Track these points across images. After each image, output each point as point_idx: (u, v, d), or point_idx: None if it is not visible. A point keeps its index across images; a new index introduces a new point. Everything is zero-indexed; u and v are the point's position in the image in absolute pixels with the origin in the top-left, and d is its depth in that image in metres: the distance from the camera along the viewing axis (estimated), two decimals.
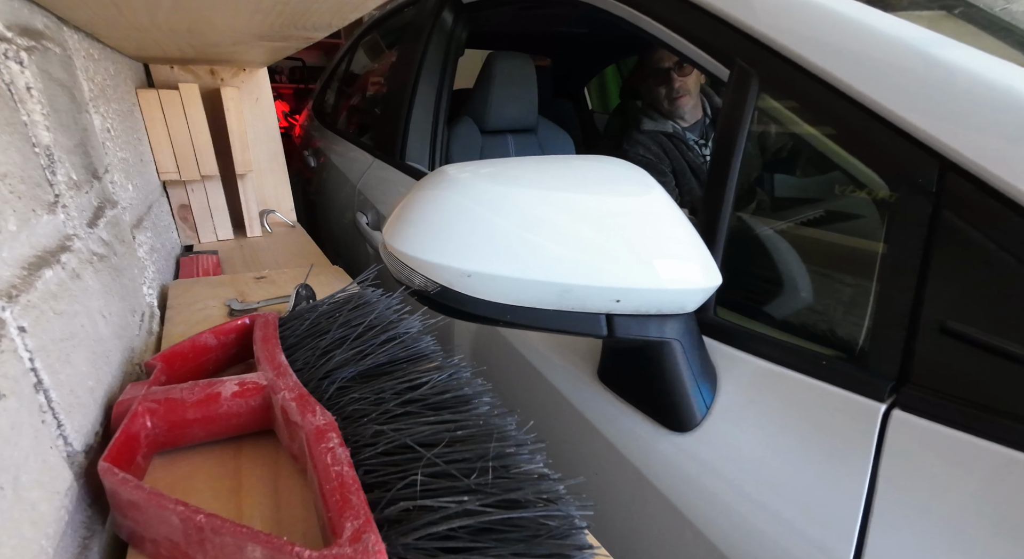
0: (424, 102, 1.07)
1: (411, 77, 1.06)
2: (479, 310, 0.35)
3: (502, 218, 0.33)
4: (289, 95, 3.76)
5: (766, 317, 0.49)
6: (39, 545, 0.24)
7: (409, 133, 1.05)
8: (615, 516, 0.49)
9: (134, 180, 0.67)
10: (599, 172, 0.40)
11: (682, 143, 1.26)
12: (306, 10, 0.49)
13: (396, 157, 1.06)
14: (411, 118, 1.05)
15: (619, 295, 0.35)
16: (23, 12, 0.39)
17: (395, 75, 1.15)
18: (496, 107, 1.23)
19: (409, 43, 1.12)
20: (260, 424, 0.37)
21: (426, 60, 1.06)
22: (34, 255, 0.30)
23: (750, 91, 0.46)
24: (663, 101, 1.24)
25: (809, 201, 0.56)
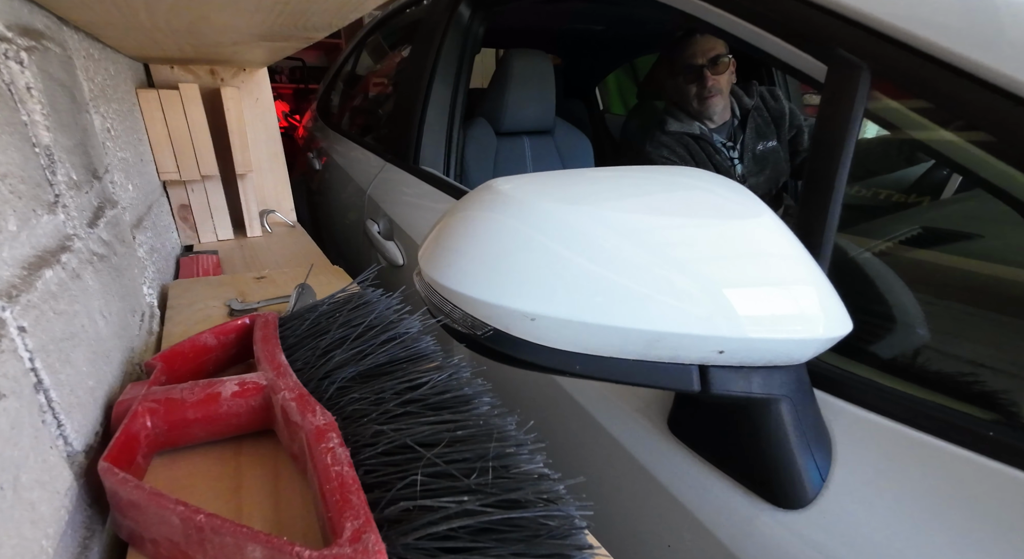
0: (439, 103, 1.00)
1: (425, 76, 1.00)
2: (542, 359, 0.29)
3: (576, 252, 0.27)
4: (289, 95, 3.76)
5: (898, 366, 0.39)
6: (39, 545, 0.24)
7: (423, 136, 0.99)
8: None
9: (134, 180, 0.67)
10: (688, 189, 0.32)
11: (709, 145, 1.19)
12: (306, 10, 0.49)
13: (409, 161, 1.00)
14: (425, 120, 0.99)
15: (724, 345, 0.28)
16: (23, 12, 0.39)
17: (407, 74, 1.09)
18: (513, 108, 1.16)
19: (422, 40, 1.06)
20: (260, 424, 0.37)
21: (441, 58, 0.99)
22: (34, 255, 0.30)
23: (858, 89, 0.37)
24: (692, 100, 1.18)
25: (948, 222, 0.47)
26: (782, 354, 0.31)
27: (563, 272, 0.27)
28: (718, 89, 1.15)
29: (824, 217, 0.38)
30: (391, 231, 0.97)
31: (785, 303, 0.29)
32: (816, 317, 0.29)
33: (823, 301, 0.29)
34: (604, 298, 0.27)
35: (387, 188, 1.05)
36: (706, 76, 1.14)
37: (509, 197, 0.29)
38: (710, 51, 1.13)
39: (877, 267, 0.43)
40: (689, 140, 1.19)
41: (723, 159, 1.20)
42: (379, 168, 1.11)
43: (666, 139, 1.19)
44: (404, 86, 1.10)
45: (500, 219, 0.29)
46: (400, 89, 1.13)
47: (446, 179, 0.93)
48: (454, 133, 1.02)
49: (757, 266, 0.29)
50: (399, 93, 1.13)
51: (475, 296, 0.28)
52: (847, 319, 0.30)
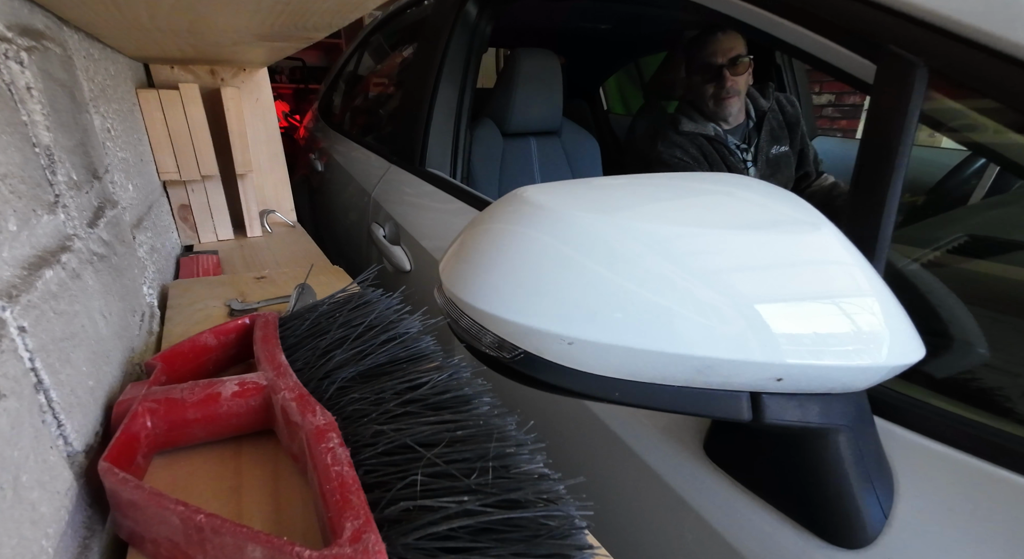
0: (445, 103, 0.97)
1: (431, 76, 0.97)
2: (577, 385, 0.26)
3: (619, 271, 0.25)
4: (289, 95, 3.76)
5: (967, 392, 0.36)
6: (39, 545, 0.24)
7: (430, 137, 0.96)
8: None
9: (134, 180, 0.67)
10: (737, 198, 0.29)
11: (723, 147, 1.17)
12: (307, 10, 0.49)
13: (416, 163, 0.97)
14: (432, 121, 0.96)
15: (783, 372, 0.26)
16: (23, 12, 0.39)
17: (413, 74, 1.06)
18: (520, 108, 1.12)
19: (428, 39, 1.02)
20: (260, 424, 0.37)
21: (448, 57, 0.96)
22: (34, 255, 0.30)
23: (913, 89, 0.35)
24: (708, 100, 1.15)
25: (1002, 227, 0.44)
26: (845, 381, 0.28)
27: (604, 292, 0.25)
28: (736, 90, 1.12)
29: (877, 228, 0.35)
30: (397, 235, 0.94)
31: (852, 327, 0.26)
32: (884, 342, 0.26)
33: (893, 325, 0.27)
34: (650, 322, 0.24)
35: (392, 191, 1.02)
36: (725, 76, 1.11)
37: (543, 209, 0.26)
38: (730, 51, 1.10)
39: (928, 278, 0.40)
40: (703, 141, 1.16)
41: (736, 161, 1.17)
42: (383, 170, 1.09)
43: (679, 139, 1.16)
44: (409, 86, 1.07)
45: (533, 233, 0.26)
46: (405, 89, 1.11)
47: (454, 182, 0.90)
48: (461, 134, 0.99)
49: (821, 286, 0.26)
50: (404, 93, 1.10)
51: (505, 317, 0.25)
52: (919, 345, 0.27)
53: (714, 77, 1.12)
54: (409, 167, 1.00)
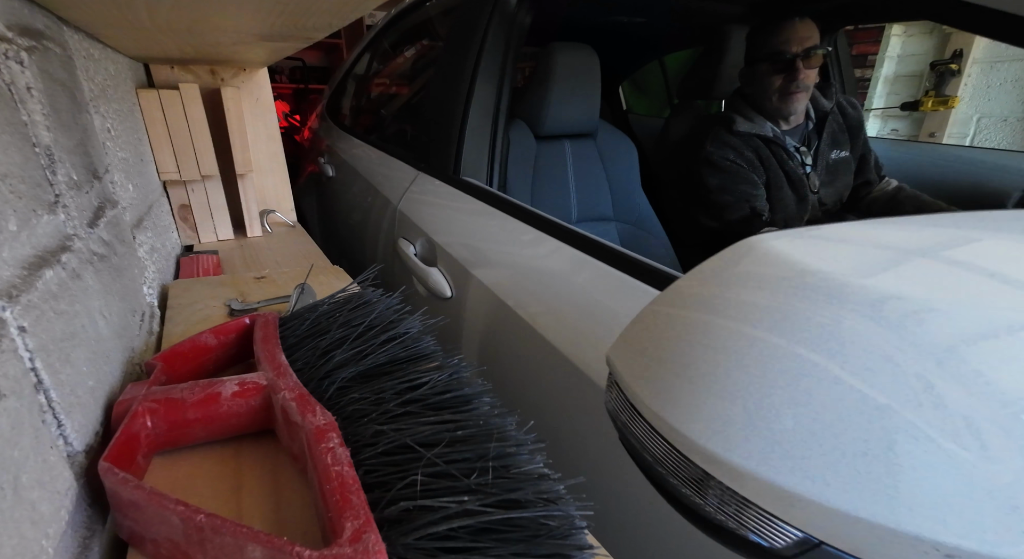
0: (482, 104, 0.87)
1: (466, 74, 0.87)
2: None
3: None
4: (289, 95, 3.76)
5: None
6: (39, 545, 0.24)
7: (465, 142, 0.86)
8: None
9: (134, 180, 0.67)
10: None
11: (781, 149, 1.07)
12: (307, 10, 0.49)
13: (448, 171, 0.87)
14: (467, 124, 0.86)
15: None
16: (23, 12, 0.39)
17: (443, 72, 0.96)
18: (556, 108, 1.01)
19: (461, 32, 0.92)
20: (260, 424, 0.37)
21: (484, 52, 0.86)
22: (34, 255, 0.30)
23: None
24: (772, 95, 1.04)
25: None
26: None
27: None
28: (806, 85, 1.02)
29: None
30: (433, 255, 0.83)
31: None
32: None
33: None
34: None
35: (422, 203, 0.91)
36: (797, 68, 0.99)
37: (841, 289, 0.15)
38: (806, 40, 0.99)
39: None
40: (759, 143, 1.07)
41: (795, 166, 1.08)
42: (410, 179, 0.98)
43: (733, 140, 1.06)
44: (439, 86, 0.97)
45: (845, 329, 0.14)
46: (434, 90, 1.00)
47: (496, 193, 0.80)
48: (498, 139, 0.89)
49: None
50: (433, 94, 1.00)
51: (789, 486, 0.15)
52: None
53: (784, 68, 1.01)
54: (441, 175, 0.90)
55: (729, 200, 1.05)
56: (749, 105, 1.09)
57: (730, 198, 1.05)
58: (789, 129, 1.09)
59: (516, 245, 0.71)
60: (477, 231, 0.78)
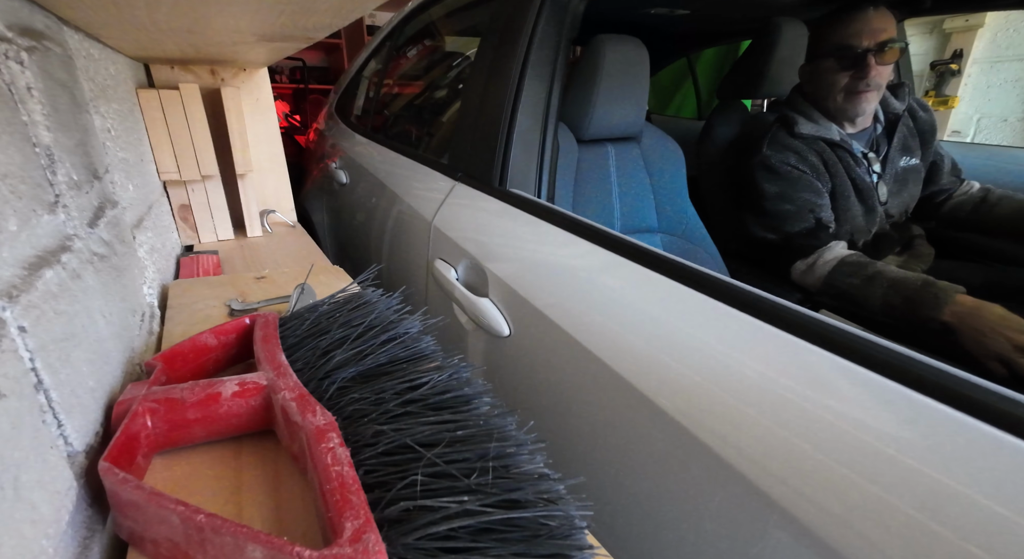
0: (531, 106, 0.76)
1: (513, 72, 0.76)
2: None
3: None
4: (289, 95, 3.76)
5: None
6: (39, 545, 0.24)
7: (512, 149, 0.75)
8: None
9: (134, 180, 0.67)
10: None
11: (848, 155, 0.97)
12: (307, 10, 0.49)
13: (493, 182, 0.77)
14: (514, 129, 0.75)
15: None
16: (23, 12, 0.39)
17: (486, 69, 0.84)
18: (602, 109, 0.90)
19: (506, 23, 0.80)
20: (260, 424, 0.37)
21: (534, 46, 0.75)
22: (35, 255, 0.30)
23: None
24: (838, 93, 0.94)
25: None
26: None
27: None
28: (877, 84, 0.91)
29: None
30: (482, 282, 0.71)
31: None
32: None
33: None
34: None
35: (463, 218, 0.79)
36: (869, 64, 0.88)
37: None
38: (881, 32, 0.88)
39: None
40: (824, 146, 0.96)
41: (863, 173, 0.97)
42: (445, 190, 0.86)
43: (794, 143, 0.96)
44: (480, 84, 0.85)
45: None
46: (474, 88, 0.88)
47: (560, 210, 0.68)
48: (547, 144, 0.78)
49: None
50: (472, 93, 0.88)
51: None
52: None
53: (854, 64, 0.90)
54: (484, 187, 0.79)
55: (789, 209, 0.95)
56: (811, 105, 0.99)
57: (790, 207, 0.95)
58: (855, 132, 0.99)
59: (594, 273, 0.58)
60: (539, 255, 0.65)
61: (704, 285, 0.48)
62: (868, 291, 0.81)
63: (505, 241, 0.71)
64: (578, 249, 0.61)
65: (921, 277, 0.77)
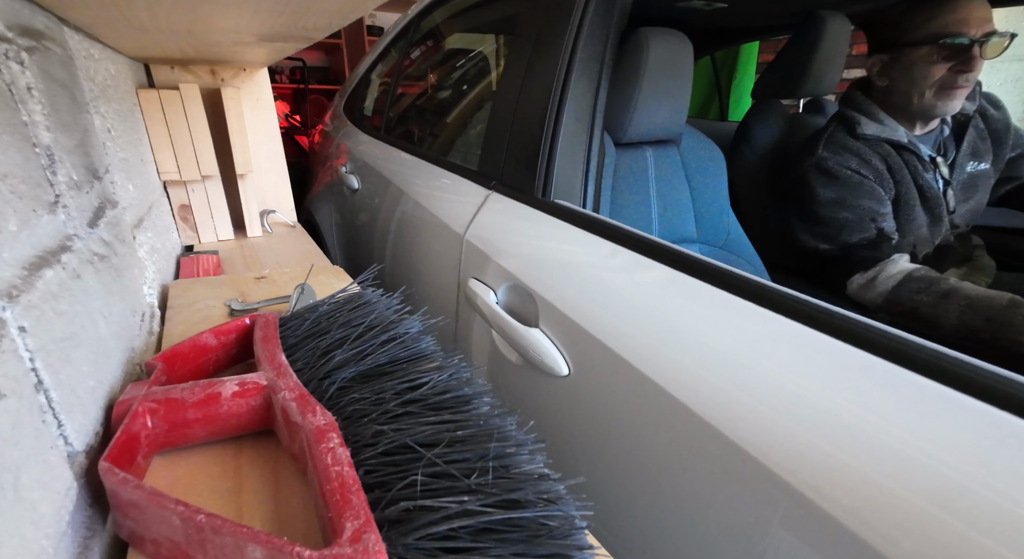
0: (577, 107, 0.68)
1: (556, 70, 0.68)
2: None
3: None
4: (289, 95, 3.76)
5: None
6: (39, 545, 0.24)
7: (557, 157, 0.67)
8: None
9: (134, 180, 0.67)
10: None
11: (915, 158, 0.88)
12: (307, 10, 0.49)
13: (536, 193, 0.68)
14: (559, 133, 0.67)
15: None
16: (23, 12, 0.39)
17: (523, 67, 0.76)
18: (643, 110, 0.81)
19: (548, 15, 0.73)
20: (260, 424, 0.37)
21: (581, 41, 0.67)
22: (35, 255, 0.30)
23: None
24: (925, 90, 0.83)
25: None
26: None
27: None
28: (973, 80, 0.82)
29: None
30: (530, 309, 0.61)
31: None
32: None
33: None
34: None
35: (502, 233, 0.71)
36: (974, 56, 0.78)
37: None
38: (984, 22, 0.79)
39: None
40: (889, 149, 0.88)
41: (931, 179, 0.89)
42: (478, 201, 0.77)
43: (856, 145, 0.88)
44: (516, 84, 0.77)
45: None
46: (510, 87, 0.78)
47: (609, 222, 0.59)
48: (593, 150, 0.70)
49: None
50: (508, 93, 0.79)
51: None
52: None
53: (955, 55, 0.79)
54: (524, 197, 0.70)
55: (848, 218, 0.87)
56: (876, 102, 0.90)
57: (848, 215, 0.87)
58: (922, 135, 0.90)
59: (669, 301, 0.49)
60: (600, 278, 0.56)
61: (804, 315, 0.40)
62: (942, 310, 0.74)
63: (556, 261, 0.61)
64: (650, 273, 0.52)
65: (1005, 295, 0.70)
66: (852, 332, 0.37)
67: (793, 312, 0.41)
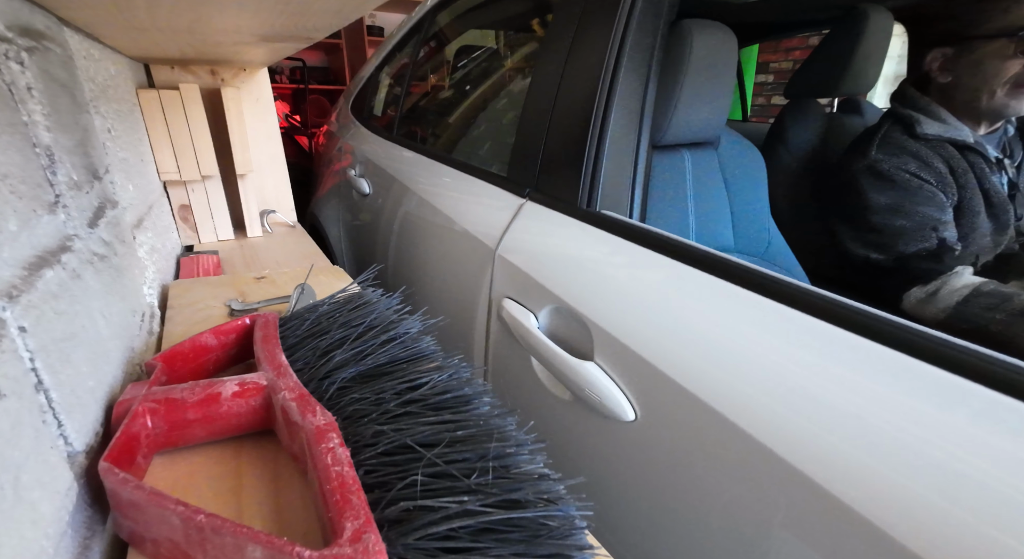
0: (626, 107, 0.61)
1: (603, 64, 0.61)
2: None
3: None
4: (289, 95, 3.76)
5: None
6: (39, 545, 0.24)
7: (603, 161, 0.60)
8: None
9: (135, 180, 0.67)
10: None
11: (982, 159, 0.81)
12: (307, 10, 0.49)
13: (579, 202, 0.61)
14: (606, 135, 0.60)
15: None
16: (23, 12, 0.39)
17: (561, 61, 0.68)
18: (685, 109, 0.73)
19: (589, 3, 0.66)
20: (260, 424, 0.37)
21: (631, 33, 0.60)
22: (35, 255, 0.30)
23: None
24: (1000, 86, 0.76)
25: None
26: None
27: None
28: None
29: None
30: (582, 338, 0.54)
31: None
32: None
33: None
34: None
35: (541, 248, 0.63)
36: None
37: None
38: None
39: None
40: (953, 151, 0.80)
41: (997, 182, 0.81)
42: (511, 211, 0.70)
43: (915, 146, 0.80)
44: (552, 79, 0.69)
45: None
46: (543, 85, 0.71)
47: (673, 238, 0.52)
48: (641, 154, 0.62)
49: None
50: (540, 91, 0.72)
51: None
52: None
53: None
54: (565, 208, 0.63)
55: (904, 225, 0.80)
56: (937, 100, 0.83)
57: (906, 223, 0.80)
58: (986, 134, 0.82)
59: (754, 331, 0.41)
60: (667, 303, 0.48)
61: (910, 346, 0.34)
62: (1020, 328, 0.66)
63: (612, 283, 0.53)
64: (737, 302, 0.43)
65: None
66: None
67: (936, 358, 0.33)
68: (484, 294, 0.71)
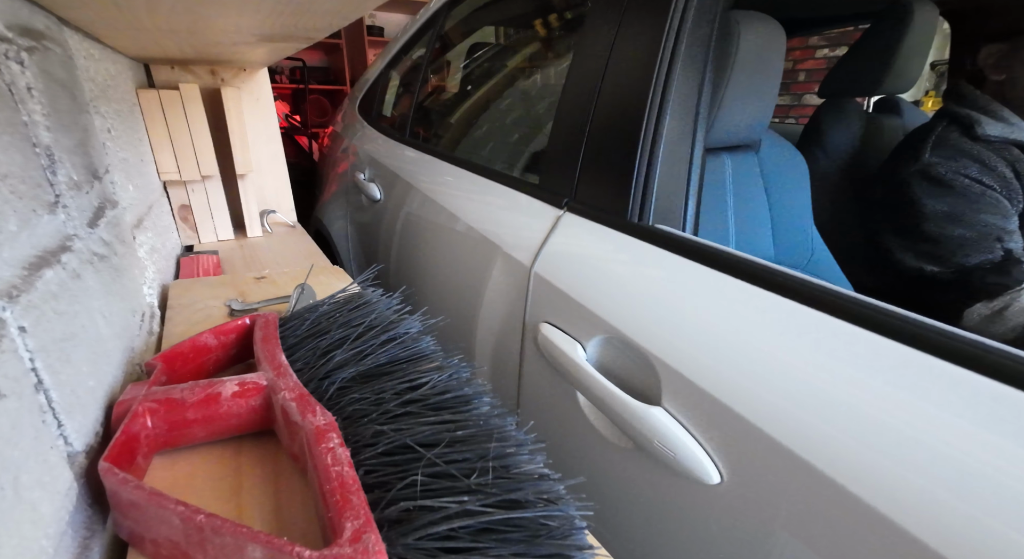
0: (681, 112, 0.54)
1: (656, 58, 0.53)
2: None
3: None
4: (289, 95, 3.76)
5: None
6: (39, 545, 0.24)
7: (656, 168, 0.53)
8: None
9: (134, 180, 0.67)
10: None
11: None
12: (307, 10, 0.49)
13: (626, 216, 0.54)
14: (659, 140, 0.53)
15: None
16: (23, 12, 0.39)
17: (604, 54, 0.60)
18: (730, 109, 0.66)
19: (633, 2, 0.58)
20: (260, 424, 0.37)
21: (688, 23, 0.53)
22: (35, 255, 0.30)
23: None
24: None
25: None
26: None
27: None
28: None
29: None
30: (646, 377, 0.46)
31: None
32: None
33: None
34: None
35: (585, 267, 0.55)
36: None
37: None
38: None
39: None
40: (1019, 154, 0.75)
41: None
42: (548, 224, 0.62)
43: (975, 148, 0.75)
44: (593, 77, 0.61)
45: None
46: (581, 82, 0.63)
47: (751, 259, 0.44)
48: (695, 160, 0.55)
49: None
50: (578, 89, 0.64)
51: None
52: None
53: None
54: (613, 221, 0.56)
55: (965, 236, 0.74)
56: (999, 99, 0.77)
57: (966, 233, 0.74)
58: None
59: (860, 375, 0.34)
60: (750, 339, 0.40)
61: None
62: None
63: (679, 312, 0.45)
64: (838, 340, 0.35)
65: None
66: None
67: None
68: (517, 316, 0.63)
